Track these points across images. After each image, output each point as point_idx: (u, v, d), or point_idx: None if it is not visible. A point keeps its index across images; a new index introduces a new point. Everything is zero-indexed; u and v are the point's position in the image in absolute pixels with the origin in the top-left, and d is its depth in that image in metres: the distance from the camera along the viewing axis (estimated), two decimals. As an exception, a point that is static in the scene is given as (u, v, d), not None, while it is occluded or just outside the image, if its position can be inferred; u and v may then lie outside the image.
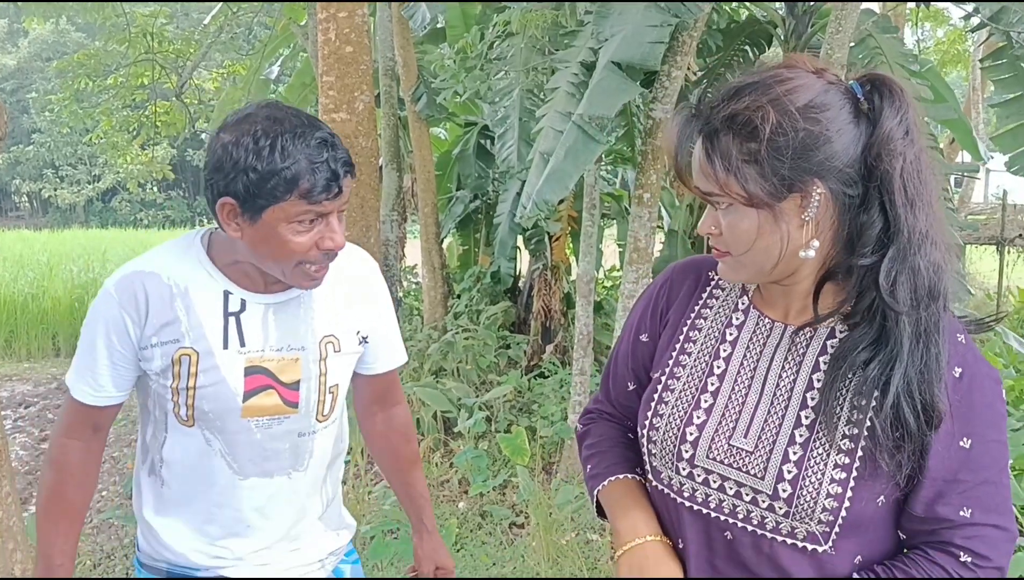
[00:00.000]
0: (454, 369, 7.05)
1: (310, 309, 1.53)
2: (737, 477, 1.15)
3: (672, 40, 4.52)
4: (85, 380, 1.51)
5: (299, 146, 1.32)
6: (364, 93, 6.62)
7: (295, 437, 1.53)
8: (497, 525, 4.85)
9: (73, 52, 32.19)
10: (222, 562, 1.57)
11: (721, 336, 1.24)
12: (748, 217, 1.09)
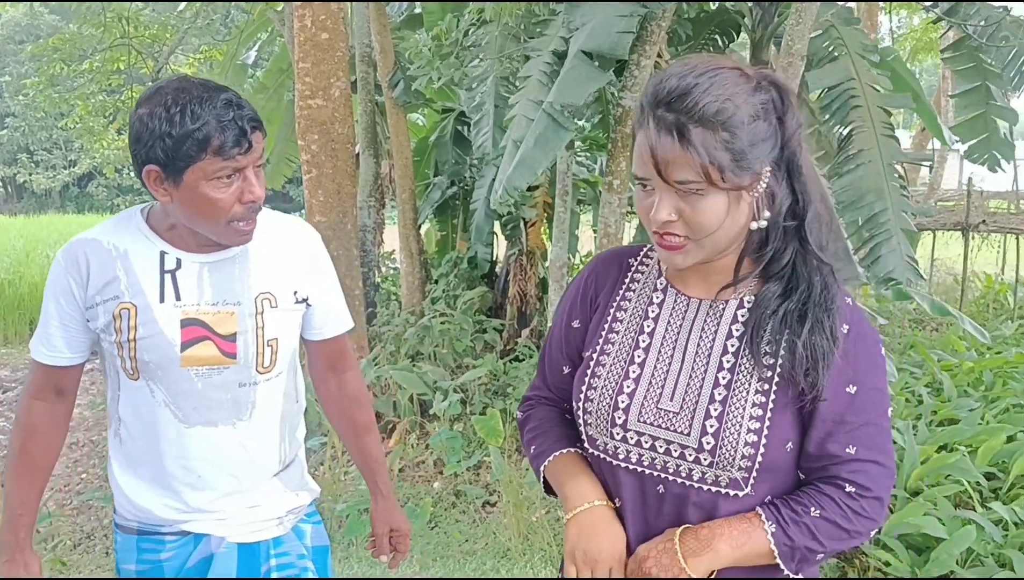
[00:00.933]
0: (431, 353, 7.14)
1: (246, 268, 1.65)
2: (666, 436, 1.29)
3: (641, 30, 4.62)
4: (41, 341, 1.66)
5: (207, 108, 1.46)
6: (340, 80, 6.68)
7: (236, 387, 1.65)
8: (471, 503, 4.98)
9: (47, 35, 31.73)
10: (183, 515, 1.68)
11: (644, 314, 1.38)
12: (718, 200, 1.20)
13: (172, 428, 1.65)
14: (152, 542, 1.70)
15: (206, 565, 1.68)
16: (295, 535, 1.80)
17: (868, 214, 4.31)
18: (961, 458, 4.43)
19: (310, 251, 1.76)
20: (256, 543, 1.72)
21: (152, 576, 1.70)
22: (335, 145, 6.73)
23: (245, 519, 1.72)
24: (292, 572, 1.75)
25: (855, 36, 4.62)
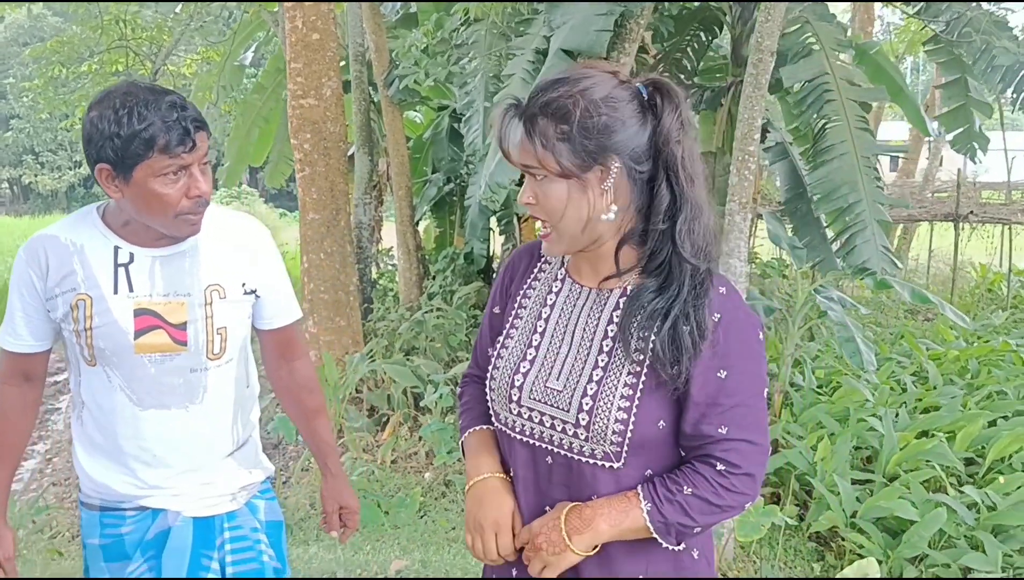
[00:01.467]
0: (425, 347, 7.25)
1: (196, 261, 1.76)
2: (551, 412, 1.41)
3: (620, 28, 4.71)
4: (7, 330, 1.78)
5: (152, 110, 1.57)
6: (331, 79, 6.79)
7: (188, 372, 1.76)
8: (459, 493, 5.08)
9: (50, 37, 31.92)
10: (141, 491, 1.79)
11: (544, 301, 1.50)
12: (560, 186, 1.33)
13: (128, 411, 1.76)
14: (113, 517, 1.81)
15: (164, 538, 1.79)
16: (248, 510, 1.91)
17: (842, 205, 4.40)
18: (938, 444, 4.52)
19: (258, 246, 1.87)
20: (211, 517, 1.84)
21: (114, 549, 1.81)
22: (327, 144, 6.84)
23: (199, 495, 1.83)
24: (245, 544, 1.86)
25: (829, 32, 4.70)
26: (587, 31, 4.46)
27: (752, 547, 4.07)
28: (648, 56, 6.60)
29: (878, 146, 4.56)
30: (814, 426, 5.14)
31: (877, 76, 5.93)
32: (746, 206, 3.91)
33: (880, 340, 7.61)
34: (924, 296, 5.06)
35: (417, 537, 4.37)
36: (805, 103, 4.64)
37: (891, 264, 4.34)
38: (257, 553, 1.87)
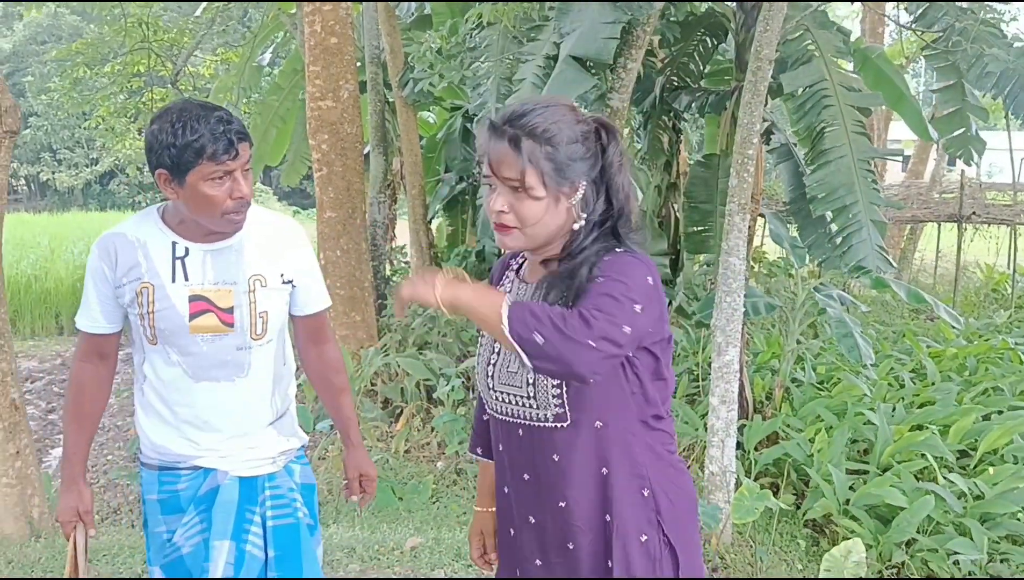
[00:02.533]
0: (437, 342, 7.45)
1: (241, 254, 2.02)
2: (513, 391, 1.66)
3: (627, 35, 4.91)
4: (84, 314, 2.04)
5: (202, 124, 1.82)
6: (349, 82, 7.02)
7: (234, 350, 2.02)
8: (470, 481, 5.30)
9: (68, 35, 32.20)
10: (194, 450, 2.04)
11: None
12: (539, 200, 1.56)
13: (183, 383, 2.02)
14: (170, 475, 2.07)
15: (213, 495, 2.04)
16: (286, 472, 2.15)
17: (839, 207, 4.58)
18: (931, 436, 4.70)
19: (294, 242, 2.13)
20: (254, 477, 2.08)
21: (171, 503, 2.07)
22: (344, 144, 7.06)
23: (245, 458, 2.08)
24: (283, 502, 2.10)
25: (829, 39, 4.88)
26: (595, 38, 4.65)
27: (748, 532, 4.26)
28: (656, 60, 6.78)
29: (874, 150, 4.74)
30: (813, 419, 5.32)
31: (879, 82, 6.10)
32: (745, 207, 4.09)
33: (882, 338, 7.77)
34: (920, 295, 5.24)
35: (430, 519, 4.58)
36: (805, 107, 4.82)
37: (886, 263, 4.51)
38: (293, 510, 2.10)
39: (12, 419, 3.91)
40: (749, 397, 5.63)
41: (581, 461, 1.63)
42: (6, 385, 3.89)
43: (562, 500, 1.65)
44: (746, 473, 4.71)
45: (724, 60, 7.14)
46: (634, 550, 1.63)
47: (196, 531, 2.05)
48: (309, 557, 2.10)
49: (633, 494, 1.65)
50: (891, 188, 11.52)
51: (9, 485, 3.91)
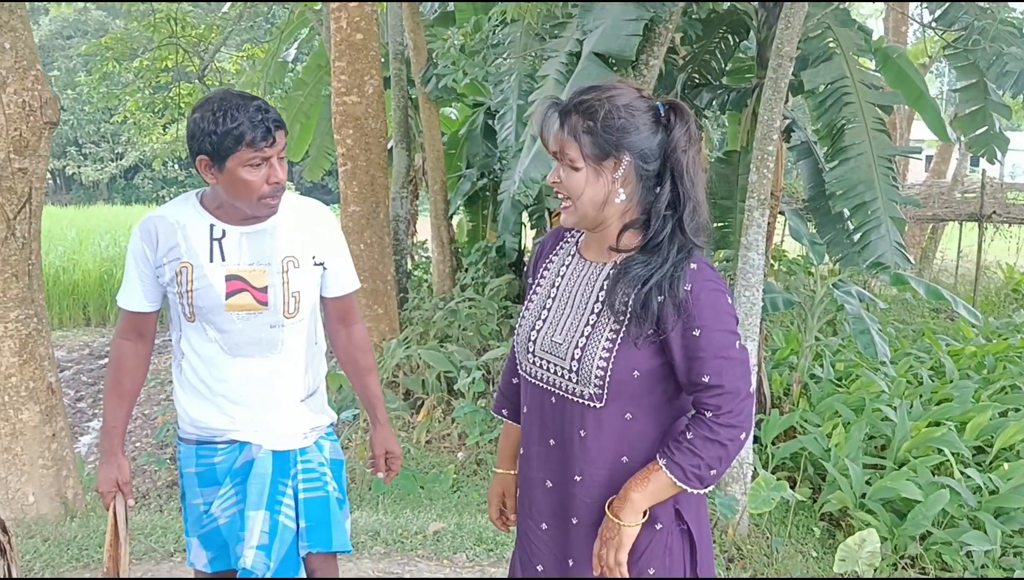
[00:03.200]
0: (458, 335, 7.55)
1: (275, 237, 2.11)
2: (553, 360, 1.72)
3: (649, 32, 4.96)
4: (125, 293, 2.15)
5: (242, 113, 1.92)
6: (373, 78, 7.12)
7: (268, 328, 2.11)
8: (490, 471, 5.38)
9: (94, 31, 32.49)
10: (230, 424, 2.14)
11: (558, 273, 1.82)
12: (580, 171, 1.64)
13: (220, 358, 2.11)
14: (208, 449, 2.17)
15: (248, 468, 2.13)
16: (317, 448, 2.24)
17: (858, 203, 4.62)
18: (947, 432, 4.74)
19: (325, 226, 2.22)
20: (287, 451, 2.17)
21: (208, 476, 2.17)
22: (368, 139, 7.16)
23: (278, 432, 2.17)
24: (314, 475, 2.19)
25: (850, 37, 4.91)
26: (618, 35, 4.71)
27: (765, 524, 4.32)
28: (677, 57, 6.82)
29: (894, 147, 4.77)
30: (830, 415, 5.37)
31: (899, 80, 6.12)
32: (764, 202, 4.15)
33: (902, 336, 7.80)
34: (938, 292, 5.27)
35: (451, 507, 4.67)
36: (825, 105, 4.86)
37: (904, 259, 4.54)
38: (323, 483, 2.19)
39: (49, 402, 4.04)
40: (767, 392, 5.68)
41: (604, 444, 1.70)
42: (43, 369, 4.01)
43: (578, 474, 1.72)
44: (763, 466, 4.76)
45: (745, 57, 7.17)
46: (645, 536, 1.69)
47: (232, 503, 2.14)
48: (339, 528, 2.19)
49: None
50: (913, 187, 11.49)
51: (45, 466, 4.04)
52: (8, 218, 3.75)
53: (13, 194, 3.75)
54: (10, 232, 3.77)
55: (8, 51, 3.65)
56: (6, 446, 3.92)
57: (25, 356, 3.92)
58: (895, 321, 8.90)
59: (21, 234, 3.82)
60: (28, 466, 3.98)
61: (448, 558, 3.63)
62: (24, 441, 3.96)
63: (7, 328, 3.86)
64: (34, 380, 3.97)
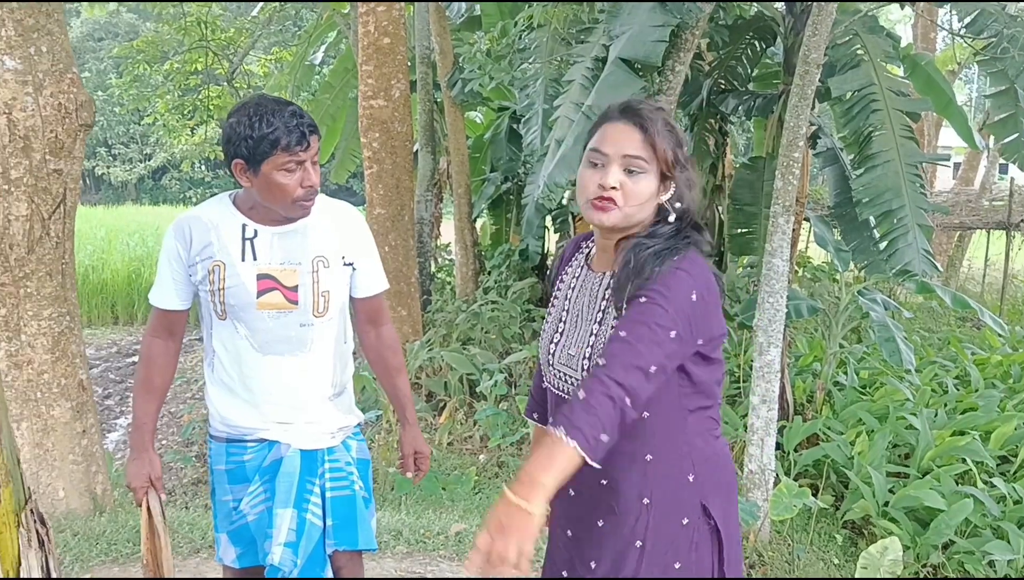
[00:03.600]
0: (480, 338, 7.59)
1: (306, 237, 2.15)
2: (569, 371, 1.76)
3: (676, 38, 4.98)
4: (157, 291, 2.19)
5: (277, 118, 1.97)
6: (400, 81, 7.18)
7: (298, 327, 2.15)
8: (511, 473, 5.41)
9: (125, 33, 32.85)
10: (260, 422, 2.18)
11: (571, 286, 1.86)
12: (652, 182, 1.67)
13: (250, 356, 2.15)
14: (238, 447, 2.21)
15: (277, 466, 2.18)
16: (344, 447, 2.28)
17: (885, 211, 4.61)
18: (972, 441, 4.71)
19: (355, 228, 2.26)
20: (314, 450, 2.21)
21: (237, 473, 2.22)
22: (394, 143, 7.22)
23: (306, 431, 2.21)
24: (341, 475, 2.23)
25: (878, 44, 4.90)
26: (644, 41, 4.73)
27: (786, 530, 4.31)
28: (704, 63, 6.83)
29: (922, 154, 4.75)
30: (854, 423, 5.34)
31: (927, 88, 6.09)
32: (789, 209, 4.15)
33: (927, 345, 7.73)
34: (964, 301, 5.23)
35: (473, 508, 4.70)
36: (853, 112, 4.85)
37: (932, 267, 4.52)
38: (350, 483, 2.24)
39: (80, 399, 4.11)
40: (790, 399, 5.66)
41: (626, 446, 1.68)
42: (75, 366, 4.09)
43: (604, 478, 1.72)
44: (785, 473, 4.75)
45: (772, 63, 7.16)
46: (671, 531, 1.70)
47: (260, 500, 2.19)
48: (364, 527, 2.23)
49: (677, 478, 1.71)
50: (940, 195, 11.40)
51: (75, 462, 4.11)
52: (43, 218, 3.83)
53: (48, 195, 3.82)
54: (45, 231, 3.86)
55: (45, 54, 3.73)
56: (38, 442, 4.00)
57: (57, 353, 4.00)
58: (921, 329, 8.83)
59: (55, 234, 3.90)
60: (59, 462, 4.06)
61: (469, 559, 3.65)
62: (55, 437, 4.04)
63: (40, 326, 3.94)
64: (66, 377, 4.04)
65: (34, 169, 3.76)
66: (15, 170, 3.73)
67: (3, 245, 3.78)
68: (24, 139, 3.72)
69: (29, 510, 1.66)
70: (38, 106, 3.73)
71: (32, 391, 3.97)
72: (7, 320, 3.87)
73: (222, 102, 11.36)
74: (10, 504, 1.61)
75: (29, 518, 1.65)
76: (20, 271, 3.83)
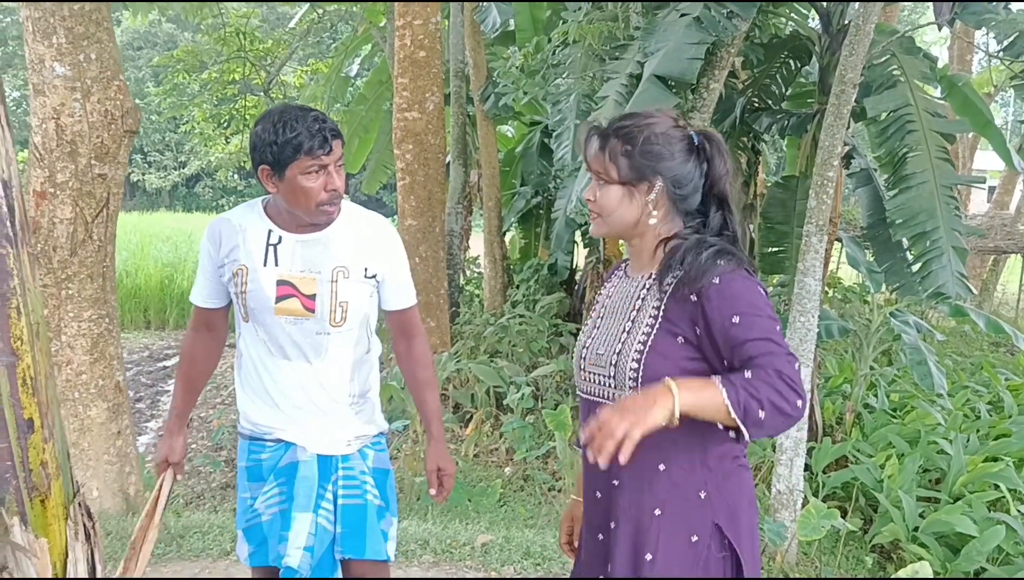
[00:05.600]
0: (508, 351, 7.61)
1: (328, 247, 2.18)
2: (598, 370, 1.78)
3: (711, 56, 4.99)
4: (195, 289, 2.29)
5: (300, 123, 2.02)
6: (435, 94, 7.25)
7: (314, 335, 2.18)
8: (537, 487, 5.41)
9: (163, 43, 33.39)
10: (277, 423, 2.23)
11: (607, 294, 1.90)
12: (615, 190, 1.74)
13: (269, 359, 2.21)
14: (257, 446, 2.27)
15: (292, 469, 2.21)
16: (360, 456, 2.30)
17: (919, 232, 4.58)
18: (1005, 467, 4.65)
19: (383, 240, 2.25)
20: (330, 456, 2.24)
21: (254, 471, 2.26)
22: (427, 155, 7.29)
23: (322, 436, 2.24)
24: (354, 483, 2.25)
25: (915, 64, 4.88)
26: (680, 59, 4.74)
27: (814, 552, 4.28)
28: (738, 81, 6.83)
29: (957, 176, 4.72)
30: (884, 446, 5.29)
31: (964, 108, 6.03)
32: (823, 229, 4.14)
33: (960, 369, 7.65)
34: (999, 326, 5.17)
35: (499, 520, 4.71)
36: (888, 132, 4.82)
37: (966, 290, 4.48)
38: (363, 491, 2.25)
39: (116, 400, 4.19)
40: (819, 420, 5.62)
41: (640, 450, 1.60)
42: (112, 368, 4.16)
43: (616, 479, 1.76)
44: (813, 495, 4.72)
45: (806, 82, 7.14)
46: (680, 547, 1.70)
47: (275, 501, 2.22)
48: (374, 537, 2.23)
49: (689, 494, 1.71)
50: (975, 218, 11.28)
51: (110, 462, 4.18)
52: (87, 221, 3.91)
53: (92, 199, 3.91)
54: (88, 235, 3.94)
55: (94, 61, 3.82)
56: (74, 441, 4.07)
57: (96, 354, 4.08)
58: (953, 353, 8.73)
59: (98, 237, 3.99)
60: (94, 461, 4.13)
61: (496, 570, 3.67)
62: (91, 437, 4.11)
63: (80, 327, 4.02)
64: (103, 378, 4.12)
65: (79, 173, 3.85)
66: (61, 174, 3.83)
67: (47, 247, 3.87)
68: (71, 144, 3.81)
69: (77, 503, 1.70)
70: (85, 112, 3.82)
71: (70, 391, 4.05)
72: (48, 321, 3.95)
73: (258, 112, 11.54)
74: (60, 497, 1.65)
75: (77, 511, 1.69)
76: (63, 273, 3.92)
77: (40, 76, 3.77)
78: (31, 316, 1.63)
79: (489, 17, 9.06)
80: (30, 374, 1.60)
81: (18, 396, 1.57)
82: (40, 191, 3.83)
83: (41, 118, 3.79)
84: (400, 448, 5.92)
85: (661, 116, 1.75)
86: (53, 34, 3.72)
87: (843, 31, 5.39)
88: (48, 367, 1.68)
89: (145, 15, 9.95)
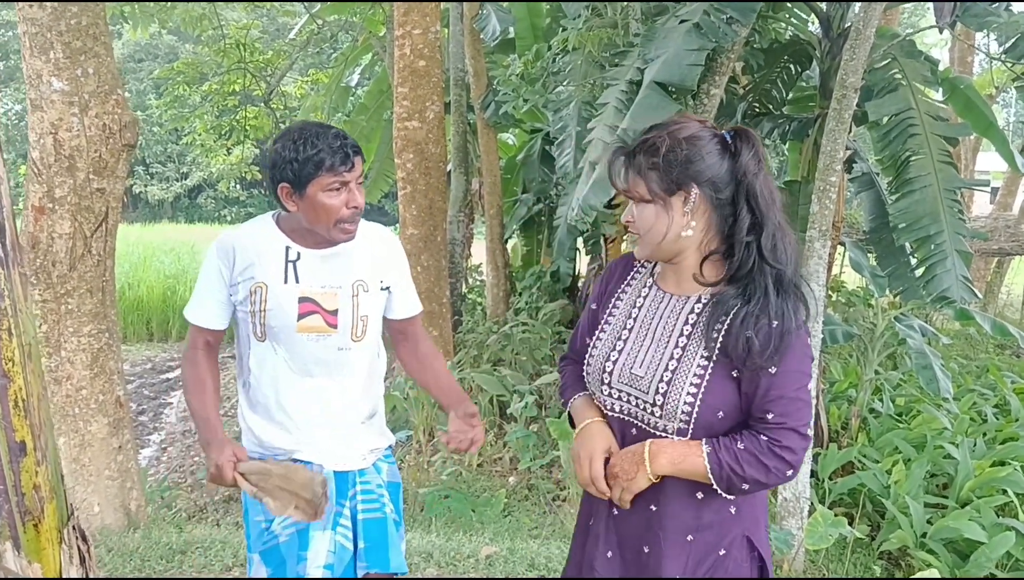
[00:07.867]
0: (511, 360, 7.58)
1: (347, 261, 2.16)
2: (634, 393, 1.71)
3: (711, 62, 4.97)
4: (195, 308, 2.18)
5: (321, 140, 2.00)
6: (435, 103, 7.24)
7: (336, 350, 2.15)
8: (542, 496, 5.38)
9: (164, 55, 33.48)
10: (294, 443, 2.18)
11: (633, 304, 1.82)
12: (649, 209, 1.67)
13: (288, 378, 2.16)
14: None
15: None
16: (375, 470, 2.28)
17: (923, 236, 4.55)
18: (1013, 472, 4.61)
19: (392, 252, 2.28)
20: (347, 472, 2.21)
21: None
22: (428, 164, 7.27)
23: (339, 453, 2.21)
24: (372, 497, 2.23)
25: (916, 68, 4.86)
26: (679, 65, 4.72)
27: (821, 559, 4.24)
28: (738, 86, 6.81)
29: (961, 179, 4.69)
30: (890, 451, 5.25)
31: (967, 110, 6.01)
32: (826, 233, 4.11)
33: (966, 372, 7.60)
34: (1004, 328, 5.13)
35: (503, 531, 4.68)
36: (890, 136, 4.80)
37: (970, 293, 4.45)
38: (381, 505, 2.23)
39: (117, 415, 4.16)
40: (824, 426, 5.59)
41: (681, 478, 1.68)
42: (112, 383, 4.14)
43: (654, 504, 1.72)
44: (820, 501, 4.68)
45: (807, 87, 7.12)
46: (709, 562, 1.70)
47: (292, 521, 2.16)
48: (395, 550, 2.22)
49: (722, 511, 1.71)
50: (978, 220, 11.24)
51: (111, 478, 4.16)
52: (86, 236, 3.90)
53: (91, 213, 3.90)
54: (87, 249, 3.92)
55: (91, 76, 3.81)
56: (75, 457, 4.05)
57: (96, 369, 4.06)
58: (958, 356, 8.68)
59: (97, 251, 3.97)
60: (95, 477, 4.11)
61: (500, 583, 3.63)
62: (92, 452, 4.09)
63: (80, 342, 4.00)
64: (103, 393, 4.10)
65: (78, 188, 3.84)
66: (59, 189, 3.81)
67: (46, 262, 3.85)
68: (69, 159, 3.80)
69: (72, 527, 1.68)
70: (83, 126, 3.81)
71: (70, 406, 4.03)
72: (48, 336, 3.94)
73: (258, 123, 11.55)
74: (53, 520, 1.63)
75: (71, 535, 1.66)
76: (62, 288, 3.90)
77: (38, 91, 3.76)
78: (23, 337, 1.60)
79: (489, 25, 9.05)
80: (22, 396, 1.58)
81: (10, 419, 1.55)
82: (39, 206, 3.82)
83: (39, 133, 3.78)
84: (403, 459, 5.89)
85: (686, 121, 1.67)
86: (50, 49, 3.71)
87: (843, 35, 5.38)
88: (41, 389, 1.66)
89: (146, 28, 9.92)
